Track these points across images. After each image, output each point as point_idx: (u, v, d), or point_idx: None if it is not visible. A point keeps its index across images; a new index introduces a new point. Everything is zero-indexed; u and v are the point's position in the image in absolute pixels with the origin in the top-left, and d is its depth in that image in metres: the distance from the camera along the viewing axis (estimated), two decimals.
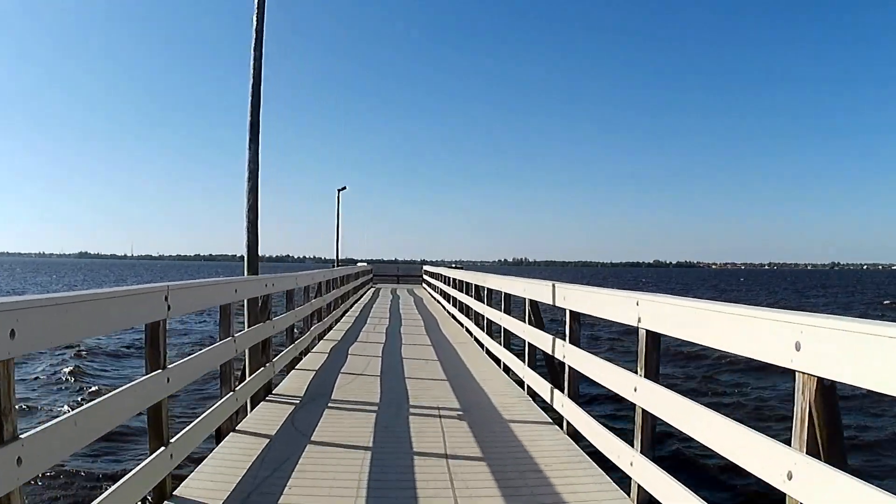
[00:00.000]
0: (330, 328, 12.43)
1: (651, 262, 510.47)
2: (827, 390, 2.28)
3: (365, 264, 31.66)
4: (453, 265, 32.92)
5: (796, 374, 2.35)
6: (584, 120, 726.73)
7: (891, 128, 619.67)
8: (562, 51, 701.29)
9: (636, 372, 3.80)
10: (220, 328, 5.18)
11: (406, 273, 40.85)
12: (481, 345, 10.05)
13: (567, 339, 5.25)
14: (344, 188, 29.74)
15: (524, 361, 6.85)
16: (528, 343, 6.70)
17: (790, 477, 2.29)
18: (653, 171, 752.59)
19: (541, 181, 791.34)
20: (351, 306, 17.90)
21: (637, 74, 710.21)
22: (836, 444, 2.28)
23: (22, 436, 2.32)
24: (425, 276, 28.51)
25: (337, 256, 31.06)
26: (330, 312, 12.63)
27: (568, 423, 5.15)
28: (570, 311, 5.22)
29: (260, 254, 7.18)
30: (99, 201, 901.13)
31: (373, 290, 28.32)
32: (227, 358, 5.08)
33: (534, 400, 6.36)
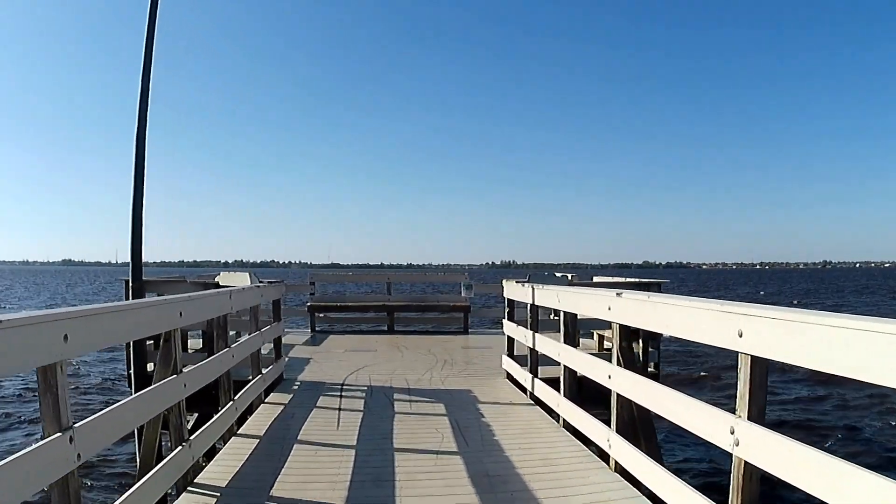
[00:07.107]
0: None
1: (640, 263, 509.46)
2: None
3: (259, 283, 6.88)
4: (570, 275, 8.28)
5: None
6: (569, 121, 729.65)
7: (882, 128, 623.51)
8: (544, 52, 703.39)
9: None
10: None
11: (414, 301, 13.32)
12: None
13: None
14: None
15: None
16: None
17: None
18: (640, 171, 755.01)
19: (526, 182, 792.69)
20: None
21: (623, 75, 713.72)
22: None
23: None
24: (544, 350, 5.89)
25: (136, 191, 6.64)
26: None
27: None
28: None
29: (244, 260, 3.36)
30: (84, 208, 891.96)
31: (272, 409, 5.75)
32: None
33: None
